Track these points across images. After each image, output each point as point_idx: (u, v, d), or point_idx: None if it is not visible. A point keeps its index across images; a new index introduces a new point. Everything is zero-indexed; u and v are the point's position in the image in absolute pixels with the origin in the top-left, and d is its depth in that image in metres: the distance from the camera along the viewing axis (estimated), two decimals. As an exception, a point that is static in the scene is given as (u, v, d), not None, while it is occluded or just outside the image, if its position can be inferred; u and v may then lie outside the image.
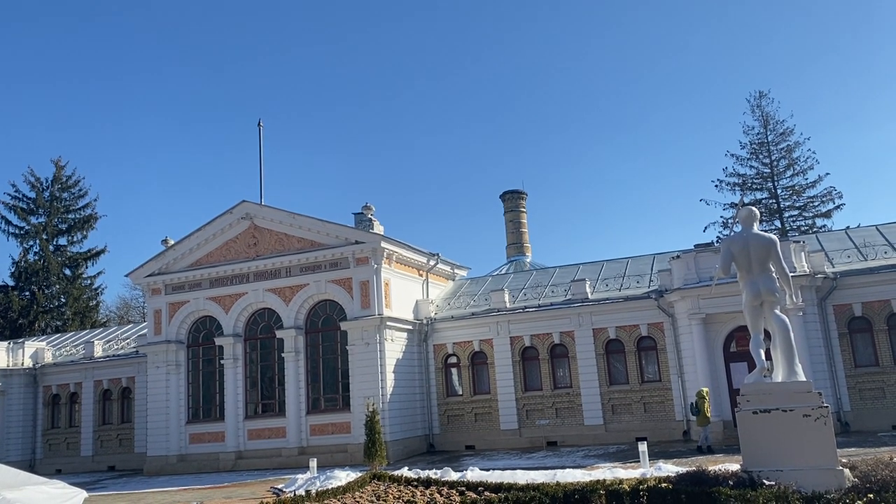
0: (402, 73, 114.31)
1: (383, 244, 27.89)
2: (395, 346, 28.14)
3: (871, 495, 9.85)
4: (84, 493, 9.09)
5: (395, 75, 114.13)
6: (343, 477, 18.18)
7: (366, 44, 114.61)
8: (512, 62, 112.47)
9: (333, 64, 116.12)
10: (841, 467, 11.20)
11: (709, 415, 22.30)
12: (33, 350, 36.41)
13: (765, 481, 10.83)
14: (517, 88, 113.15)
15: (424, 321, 30.12)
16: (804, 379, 12.06)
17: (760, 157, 51.49)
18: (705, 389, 22.90)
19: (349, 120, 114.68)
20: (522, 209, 51.23)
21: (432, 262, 32.09)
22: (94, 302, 58.30)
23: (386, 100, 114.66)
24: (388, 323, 27.66)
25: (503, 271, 42.68)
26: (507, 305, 29.44)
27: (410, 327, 29.45)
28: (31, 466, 33.00)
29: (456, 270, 35.19)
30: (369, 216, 29.11)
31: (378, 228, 28.65)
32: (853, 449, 18.71)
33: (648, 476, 14.24)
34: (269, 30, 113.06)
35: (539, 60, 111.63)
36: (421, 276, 31.74)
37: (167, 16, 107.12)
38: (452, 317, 30.20)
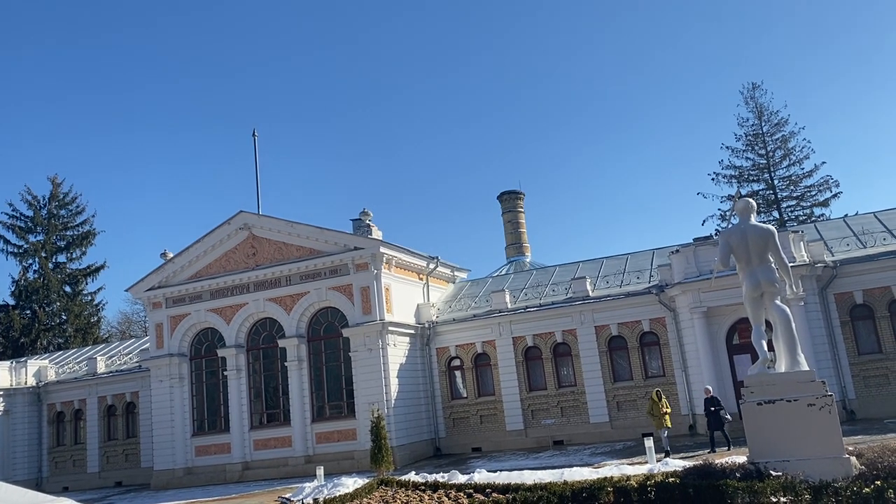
0: (395, 76, 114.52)
1: (382, 249, 27.88)
2: (397, 351, 28.13)
3: (879, 482, 9.87)
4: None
5: (387, 79, 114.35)
6: (350, 484, 18.16)
7: (358, 48, 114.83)
8: (504, 61, 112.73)
9: (326, 70, 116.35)
10: (847, 455, 11.21)
11: (665, 417, 21.35)
12: (36, 368, 36.40)
13: (772, 472, 10.84)
14: (510, 88, 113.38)
15: (426, 325, 30.11)
16: (807, 368, 12.07)
17: (756, 148, 51.50)
18: (656, 391, 22.26)
19: (343, 126, 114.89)
20: (520, 209, 51.26)
21: (432, 266, 32.08)
22: (96, 318, 58.30)
23: (379, 105, 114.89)
24: (390, 328, 27.64)
25: (503, 272, 42.68)
26: (509, 306, 29.43)
27: (412, 331, 29.44)
28: (37, 485, 32.96)
29: (456, 273, 35.18)
30: (367, 222, 29.11)
31: (376, 234, 28.66)
32: (859, 437, 18.69)
33: (656, 472, 14.20)
34: (259, 36, 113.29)
35: (531, 58, 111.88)
36: (421, 279, 31.74)
37: (159, 28, 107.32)
38: (454, 319, 30.18)
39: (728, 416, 21.11)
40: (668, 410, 21.80)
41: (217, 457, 29.11)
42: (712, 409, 20.85)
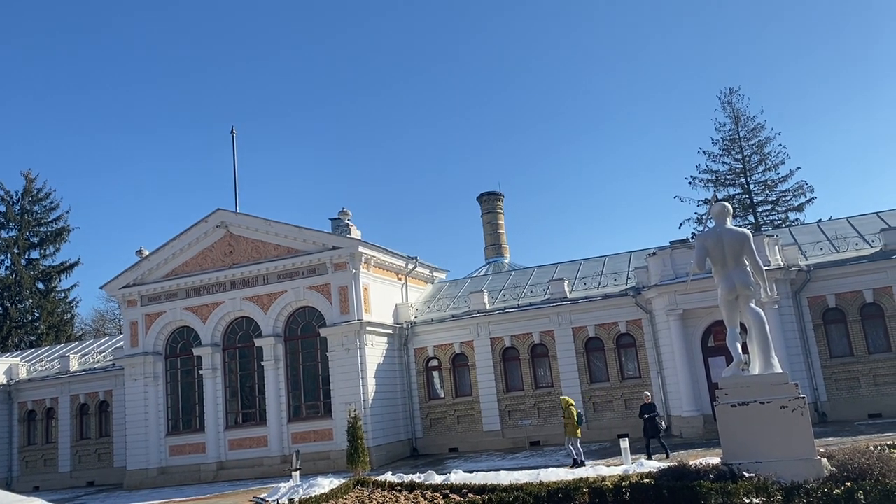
0: (375, 76, 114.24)
1: (361, 249, 27.79)
2: (375, 351, 28.06)
3: (849, 483, 10.01)
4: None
5: (367, 79, 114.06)
6: (326, 484, 18.03)
7: (337, 48, 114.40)
8: (482, 62, 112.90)
9: (305, 68, 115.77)
10: (819, 457, 11.35)
11: (576, 425, 20.28)
12: (7, 366, 35.81)
13: (745, 473, 10.95)
14: (488, 88, 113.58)
15: (404, 325, 30.06)
16: (780, 371, 12.20)
17: (733, 153, 52.10)
18: (564, 398, 21.29)
19: (322, 125, 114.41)
20: (500, 210, 51.36)
21: (411, 266, 32.05)
22: (69, 315, 57.51)
23: (359, 105, 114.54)
24: (368, 328, 27.57)
25: (482, 273, 42.74)
26: (487, 307, 29.49)
27: (390, 331, 29.38)
28: (7, 484, 32.45)
29: (435, 273, 35.18)
30: (346, 221, 29.00)
31: (355, 233, 28.56)
32: (830, 439, 18.97)
33: (631, 473, 14.27)
34: (238, 35, 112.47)
35: (510, 59, 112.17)
36: (400, 279, 31.68)
37: (136, 24, 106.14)
38: (432, 320, 30.17)
39: (664, 425, 21.16)
40: (575, 418, 20.56)
41: (191, 456, 28.83)
42: (646, 416, 20.53)
